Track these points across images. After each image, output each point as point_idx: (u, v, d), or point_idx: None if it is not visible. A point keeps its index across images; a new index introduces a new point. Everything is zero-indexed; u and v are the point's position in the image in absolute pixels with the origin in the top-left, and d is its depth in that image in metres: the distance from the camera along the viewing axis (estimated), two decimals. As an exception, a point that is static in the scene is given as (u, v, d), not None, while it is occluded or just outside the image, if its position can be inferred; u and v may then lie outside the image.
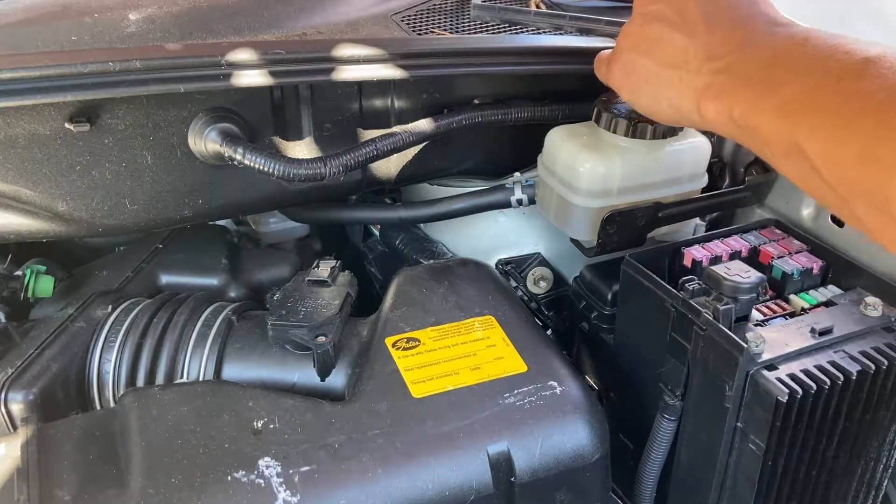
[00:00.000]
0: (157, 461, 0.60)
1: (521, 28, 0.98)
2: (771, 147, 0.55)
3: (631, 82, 0.69)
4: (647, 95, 0.67)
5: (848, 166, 0.48)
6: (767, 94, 0.54)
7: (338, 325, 0.73)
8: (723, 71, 0.58)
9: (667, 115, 0.66)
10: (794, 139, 0.51)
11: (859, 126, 0.47)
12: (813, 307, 0.72)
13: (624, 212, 0.81)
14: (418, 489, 0.62)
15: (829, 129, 0.49)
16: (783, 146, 0.53)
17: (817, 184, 0.51)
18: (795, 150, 0.51)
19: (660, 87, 0.65)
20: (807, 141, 0.50)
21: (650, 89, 0.66)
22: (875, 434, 0.71)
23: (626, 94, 0.71)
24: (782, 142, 0.53)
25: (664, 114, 0.66)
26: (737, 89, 0.56)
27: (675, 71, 0.62)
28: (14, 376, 0.70)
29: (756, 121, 0.55)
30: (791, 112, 0.52)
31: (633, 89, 0.69)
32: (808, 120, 0.50)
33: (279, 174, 0.78)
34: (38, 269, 0.89)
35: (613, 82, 0.72)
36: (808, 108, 0.51)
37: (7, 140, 0.75)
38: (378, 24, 0.92)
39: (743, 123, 0.56)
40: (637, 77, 0.67)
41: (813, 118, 0.50)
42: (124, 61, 0.71)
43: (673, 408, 0.72)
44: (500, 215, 1.01)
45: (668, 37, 0.63)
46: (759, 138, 0.55)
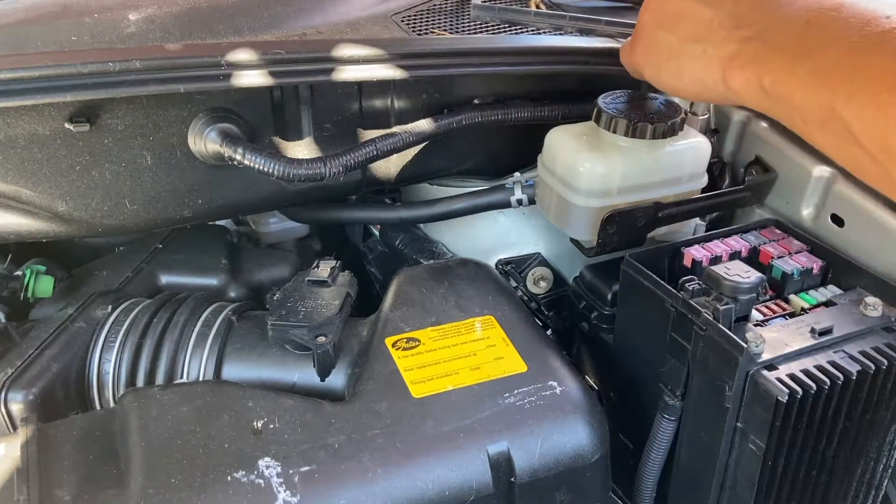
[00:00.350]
0: (157, 461, 0.60)
1: (521, 28, 0.98)
2: (804, 115, 0.53)
3: (653, 59, 0.67)
4: (670, 71, 0.65)
5: (890, 131, 0.46)
6: (801, 60, 0.51)
7: (338, 325, 0.73)
8: (752, 38, 0.56)
9: (690, 91, 0.65)
10: (831, 105, 0.49)
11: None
12: (813, 307, 0.72)
13: (624, 212, 0.81)
14: (418, 489, 0.62)
15: (870, 94, 0.47)
16: (818, 114, 0.51)
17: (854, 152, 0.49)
18: (831, 116, 0.49)
19: (682, 61, 0.63)
20: (845, 107, 0.48)
21: (672, 64, 0.64)
22: (875, 434, 0.71)
23: (649, 71, 0.69)
24: (817, 109, 0.51)
25: (687, 90, 0.65)
26: (768, 56, 0.54)
27: (698, 44, 0.61)
28: (14, 376, 0.70)
29: (789, 88, 0.53)
30: (828, 78, 0.50)
31: (656, 66, 0.67)
32: (846, 85, 0.48)
33: (279, 174, 0.78)
34: (38, 269, 0.89)
35: (637, 61, 0.70)
36: (847, 72, 0.49)
37: (7, 140, 0.75)
38: (378, 24, 0.92)
39: (774, 92, 0.54)
40: (660, 53, 0.66)
41: (852, 83, 0.48)
42: (124, 61, 0.71)
43: (673, 408, 0.72)
44: (500, 215, 1.01)
45: (692, 9, 0.61)
46: (792, 107, 0.53)
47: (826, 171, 0.83)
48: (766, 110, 0.58)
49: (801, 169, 0.86)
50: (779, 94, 0.54)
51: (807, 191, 0.85)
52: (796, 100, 0.52)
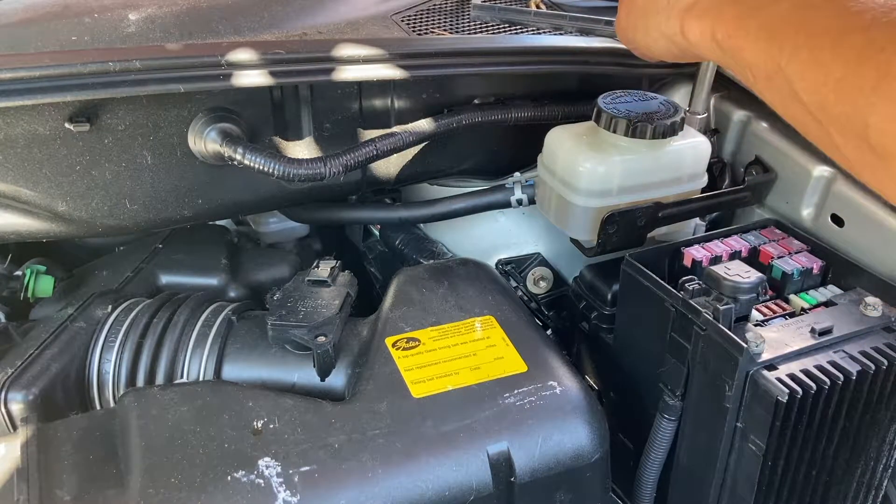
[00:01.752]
0: (157, 461, 0.60)
1: (521, 28, 0.98)
2: (753, 70, 0.52)
3: (630, 21, 0.67)
4: (641, 29, 0.65)
5: (829, 90, 0.45)
6: (752, 13, 0.51)
7: (338, 325, 0.73)
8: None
9: (659, 47, 0.64)
10: (777, 61, 0.49)
11: (845, 46, 0.44)
12: (813, 307, 0.72)
13: (624, 212, 0.81)
14: (418, 489, 0.62)
15: (813, 50, 0.46)
16: (765, 69, 0.50)
17: (797, 110, 0.49)
18: (777, 72, 0.49)
19: (651, 16, 0.62)
20: (789, 63, 0.48)
21: (643, 22, 0.64)
22: (875, 434, 0.71)
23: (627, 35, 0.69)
24: (764, 64, 0.50)
25: (656, 45, 0.64)
26: (722, 7, 0.54)
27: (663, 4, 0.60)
28: (14, 376, 0.70)
29: (739, 42, 0.52)
30: (775, 32, 0.49)
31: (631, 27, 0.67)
32: (791, 40, 0.48)
33: (279, 174, 0.78)
34: (38, 269, 0.89)
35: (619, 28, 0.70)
36: (793, 27, 0.48)
37: (7, 140, 0.75)
38: (378, 24, 0.92)
39: (726, 45, 0.54)
40: (635, 13, 0.66)
41: (796, 38, 0.47)
42: (124, 61, 0.71)
43: (673, 408, 0.72)
44: (500, 215, 1.01)
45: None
46: (742, 61, 0.53)
47: (826, 171, 0.83)
48: (720, 62, 0.57)
49: (801, 169, 0.86)
50: (730, 47, 0.53)
51: (807, 191, 0.85)
52: (745, 54, 0.52)
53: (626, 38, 0.69)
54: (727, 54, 0.54)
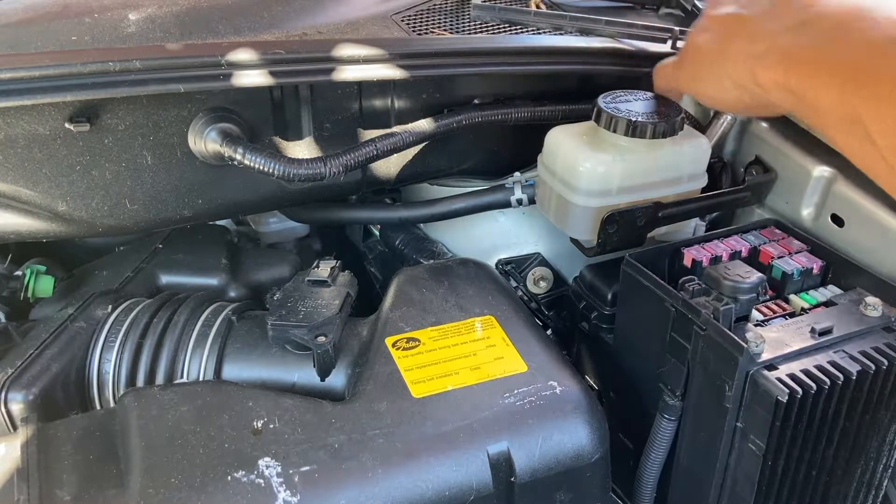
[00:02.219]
0: (157, 461, 0.60)
1: (521, 28, 0.98)
2: (826, 115, 0.53)
3: (696, 70, 0.67)
4: (712, 79, 0.65)
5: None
6: (826, 59, 0.52)
7: (338, 325, 0.73)
8: (782, 33, 0.56)
9: (731, 97, 0.64)
10: (852, 105, 0.49)
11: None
12: (813, 307, 0.72)
13: (624, 212, 0.81)
14: (418, 489, 0.62)
15: (892, 93, 0.47)
16: (839, 113, 0.51)
17: (870, 154, 0.49)
18: (852, 117, 0.49)
19: (721, 66, 0.63)
20: (864, 106, 0.48)
21: (713, 71, 0.64)
22: (875, 434, 0.71)
23: (694, 86, 0.69)
24: (839, 109, 0.51)
25: (728, 95, 0.64)
26: (794, 55, 0.54)
27: (736, 44, 0.61)
28: (14, 376, 0.70)
29: (813, 89, 0.53)
30: (849, 77, 0.50)
31: (698, 77, 0.67)
32: (867, 85, 0.48)
33: (279, 174, 0.78)
34: (38, 269, 0.89)
35: (681, 78, 0.70)
36: (868, 72, 0.49)
37: (7, 140, 0.75)
38: (378, 24, 0.92)
39: (800, 92, 0.54)
40: (702, 62, 0.66)
41: (873, 84, 0.48)
42: (124, 61, 0.71)
43: (673, 408, 0.72)
44: (500, 215, 1.01)
45: (737, 20, 0.61)
46: (816, 107, 0.53)
47: (826, 171, 0.83)
48: (794, 110, 0.57)
49: (801, 169, 0.86)
50: (804, 94, 0.54)
51: (807, 191, 0.85)
52: (821, 100, 0.52)
53: (692, 88, 0.69)
54: (801, 101, 0.55)
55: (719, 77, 0.64)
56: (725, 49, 0.62)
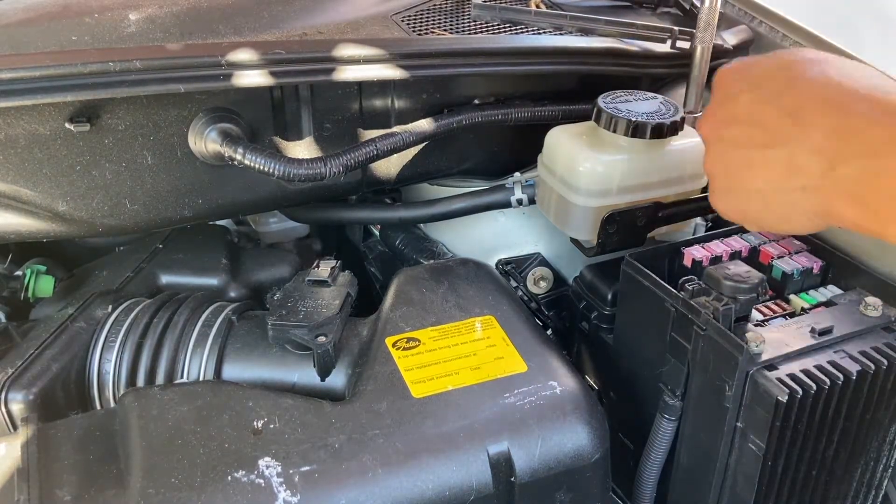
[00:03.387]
0: (157, 461, 0.60)
1: (522, 28, 0.98)
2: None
3: (749, 213, 0.61)
4: (773, 221, 0.59)
5: None
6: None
7: (338, 325, 0.73)
8: (856, 182, 0.51)
9: (808, 225, 0.58)
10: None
11: None
12: (813, 307, 0.72)
13: (624, 212, 0.81)
14: (418, 489, 0.62)
15: None
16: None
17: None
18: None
19: (785, 206, 0.57)
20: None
21: (778, 212, 0.58)
22: (875, 434, 0.71)
23: (750, 225, 0.63)
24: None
25: (804, 228, 0.59)
26: (884, 206, 0.50)
27: (792, 184, 0.55)
28: (14, 376, 0.70)
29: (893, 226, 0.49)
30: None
31: (754, 219, 0.61)
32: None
33: (279, 174, 0.78)
34: (38, 269, 0.89)
35: (727, 216, 0.64)
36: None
37: (7, 140, 0.75)
38: (378, 24, 0.92)
39: (878, 231, 0.51)
40: (755, 207, 0.59)
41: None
42: (124, 61, 0.71)
43: (673, 408, 0.72)
44: (500, 215, 1.01)
45: (762, 158, 0.56)
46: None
47: (826, 171, 0.83)
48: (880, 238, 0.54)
49: (801, 169, 0.85)
50: (882, 231, 0.50)
51: (807, 191, 0.85)
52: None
53: (754, 226, 0.64)
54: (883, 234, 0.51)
55: (786, 218, 0.58)
56: (773, 197, 0.57)
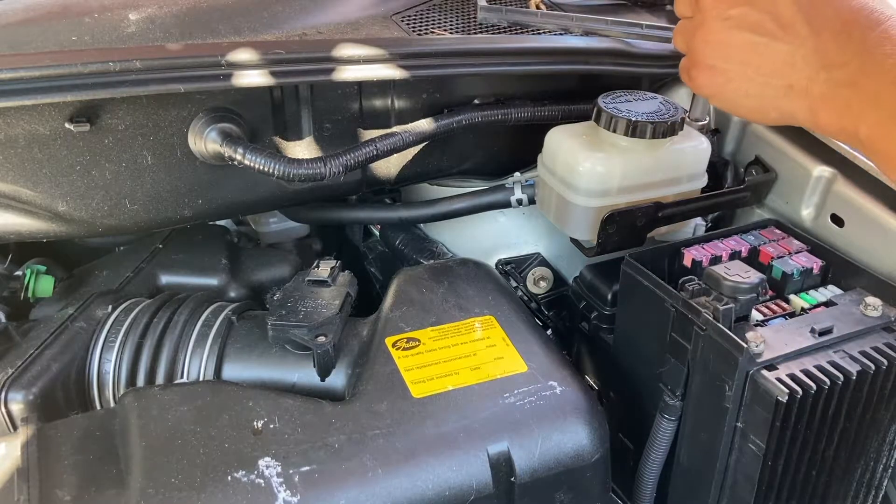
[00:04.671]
0: (157, 461, 0.60)
1: (521, 28, 0.98)
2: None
3: (727, 93, 0.63)
4: (748, 107, 0.62)
5: None
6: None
7: (338, 325, 0.73)
8: (844, 84, 0.53)
9: (773, 120, 0.62)
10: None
11: None
12: (813, 307, 0.72)
13: (624, 212, 0.81)
14: (418, 489, 0.62)
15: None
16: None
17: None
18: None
19: (765, 98, 0.60)
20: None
21: (753, 102, 0.61)
22: (875, 434, 0.71)
23: (722, 104, 0.65)
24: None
25: (770, 120, 0.62)
26: (863, 108, 0.52)
27: (781, 80, 0.57)
28: (14, 376, 0.70)
29: (886, 146, 0.52)
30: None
31: (729, 100, 0.63)
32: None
33: (279, 174, 0.78)
34: (38, 269, 0.89)
35: (701, 91, 0.66)
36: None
37: (7, 140, 0.75)
38: (378, 24, 0.92)
39: (871, 146, 0.53)
40: (734, 88, 0.62)
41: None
42: (124, 61, 0.71)
43: (673, 408, 0.72)
44: (500, 215, 1.01)
45: (765, 45, 0.57)
46: (887, 161, 0.52)
47: (826, 171, 0.83)
48: (861, 151, 0.57)
49: (801, 169, 0.86)
50: (875, 149, 0.53)
51: (807, 191, 0.85)
52: (892, 156, 0.52)
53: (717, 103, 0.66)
54: (870, 152, 0.54)
55: (760, 107, 0.61)
56: (765, 84, 0.59)
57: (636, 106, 0.82)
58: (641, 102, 0.83)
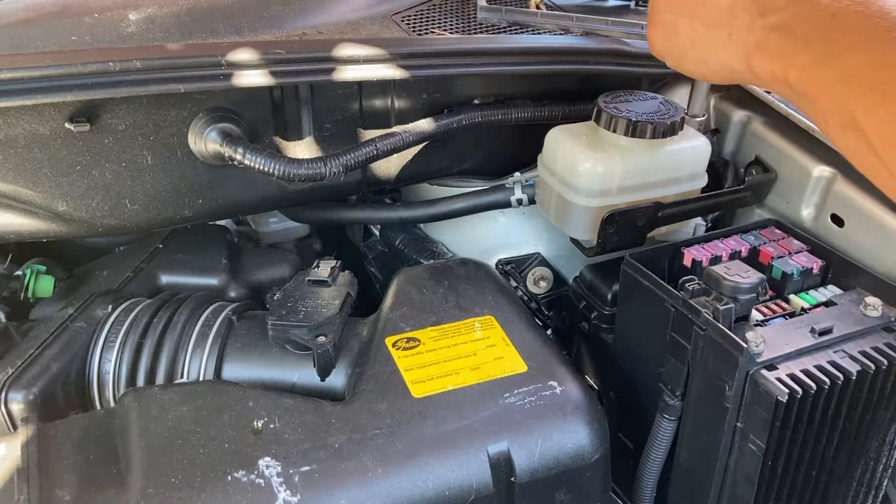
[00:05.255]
0: (156, 461, 0.60)
1: (521, 28, 0.98)
2: (826, 118, 0.52)
3: (675, 47, 0.64)
4: (694, 60, 0.63)
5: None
6: (826, 62, 0.50)
7: (338, 325, 0.73)
8: (777, 28, 0.54)
9: (718, 77, 0.63)
10: (852, 114, 0.48)
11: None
12: (813, 307, 0.72)
13: (624, 211, 0.81)
14: (418, 489, 0.62)
15: (890, 110, 0.46)
16: (839, 119, 0.50)
17: (872, 163, 0.48)
18: (852, 124, 0.48)
19: (707, 49, 0.61)
20: (865, 117, 0.47)
21: (697, 53, 0.62)
22: (875, 434, 0.71)
23: (671, 60, 0.67)
24: (839, 114, 0.50)
25: (715, 75, 0.63)
26: (793, 51, 0.53)
27: (722, 30, 0.58)
28: (14, 376, 0.70)
29: (812, 89, 0.51)
30: (850, 86, 0.48)
31: (678, 55, 0.65)
32: (868, 97, 0.47)
33: (279, 174, 0.78)
34: (38, 269, 0.89)
35: (654, 48, 0.68)
36: (869, 83, 0.47)
37: (7, 140, 0.75)
38: (378, 24, 0.92)
39: (799, 89, 0.53)
40: (681, 41, 0.63)
41: (873, 95, 0.47)
42: (124, 61, 0.71)
43: (673, 408, 0.72)
44: (500, 215, 1.01)
45: None
46: (815, 107, 0.52)
47: (826, 171, 0.83)
48: (792, 101, 0.57)
49: (801, 169, 0.86)
50: (803, 93, 0.53)
51: (807, 191, 0.85)
52: (820, 101, 0.52)
53: (668, 60, 0.67)
54: (800, 97, 0.54)
55: (704, 59, 0.62)
56: (708, 35, 0.60)
57: (636, 106, 0.82)
58: (641, 102, 0.83)
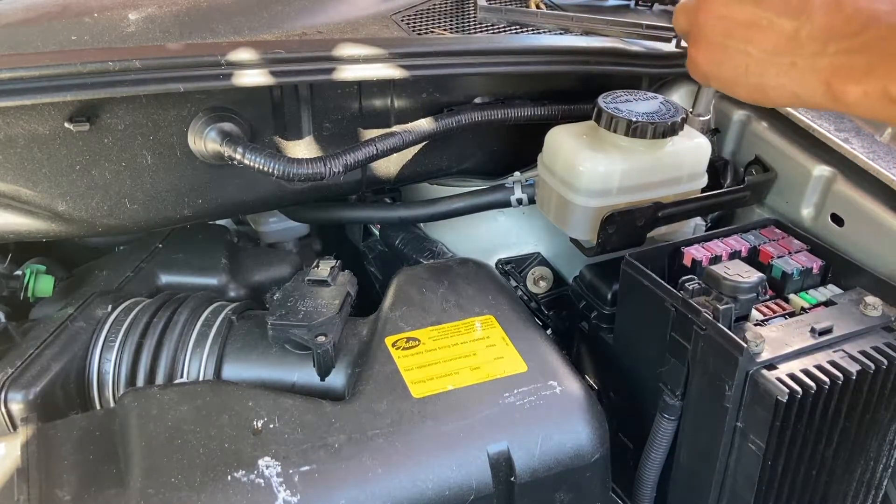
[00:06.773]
0: (156, 461, 0.60)
1: (521, 27, 0.98)
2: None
3: (724, 71, 0.62)
4: (748, 86, 0.61)
5: None
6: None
7: (338, 324, 0.73)
8: (859, 51, 0.53)
9: (777, 103, 0.62)
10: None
11: None
12: (813, 307, 0.72)
13: (624, 211, 0.81)
14: (418, 489, 0.62)
15: None
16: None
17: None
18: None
19: (765, 77, 0.59)
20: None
21: (752, 80, 0.60)
22: (875, 434, 0.71)
23: (717, 83, 0.64)
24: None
25: (773, 102, 0.61)
26: (890, 67, 0.52)
27: (784, 58, 0.57)
28: (14, 376, 0.70)
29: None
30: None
31: (727, 80, 0.63)
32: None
33: (279, 174, 0.78)
34: (38, 269, 0.89)
35: (697, 70, 0.65)
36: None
37: (7, 140, 0.75)
38: (378, 24, 0.92)
39: None
40: (733, 66, 0.61)
41: None
42: (124, 61, 0.71)
43: (673, 408, 0.72)
44: (500, 215, 1.01)
45: (768, 23, 0.57)
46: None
47: (826, 171, 0.83)
48: (890, 118, 0.56)
49: (801, 169, 0.86)
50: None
51: (807, 190, 0.85)
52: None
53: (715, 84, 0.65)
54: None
55: (760, 86, 0.60)
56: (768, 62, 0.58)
57: (636, 106, 0.82)
58: (641, 102, 0.83)
